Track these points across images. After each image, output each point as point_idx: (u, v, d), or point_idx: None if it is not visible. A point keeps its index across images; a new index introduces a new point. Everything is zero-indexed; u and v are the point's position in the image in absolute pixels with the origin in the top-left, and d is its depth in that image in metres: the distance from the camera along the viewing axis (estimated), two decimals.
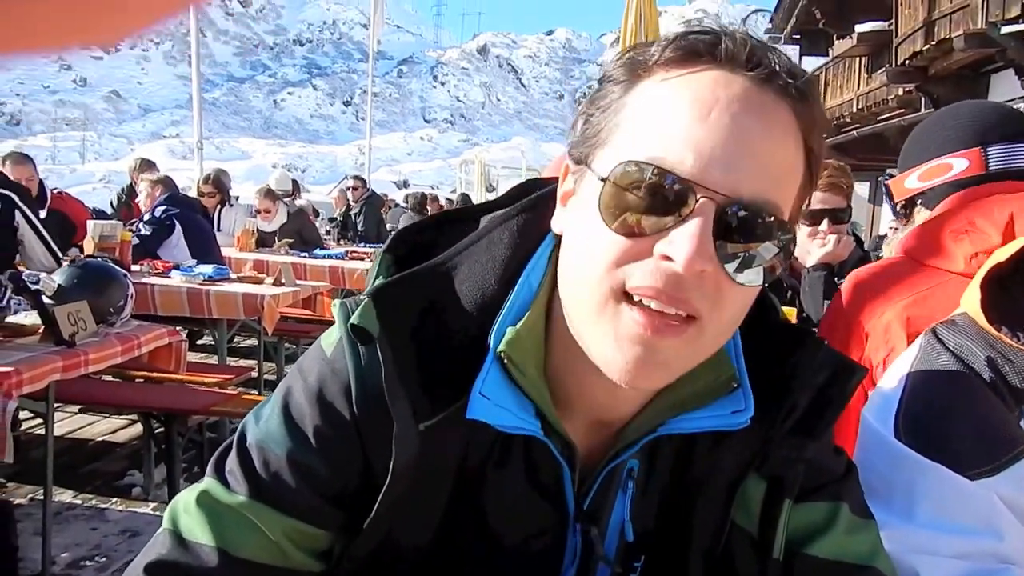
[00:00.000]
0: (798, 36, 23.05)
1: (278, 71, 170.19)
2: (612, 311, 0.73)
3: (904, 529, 0.93)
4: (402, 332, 0.79)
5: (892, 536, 0.90)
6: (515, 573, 0.86)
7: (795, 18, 21.38)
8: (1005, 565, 0.88)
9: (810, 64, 23.15)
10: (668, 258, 0.69)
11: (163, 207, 5.90)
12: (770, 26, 24.76)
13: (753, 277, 0.73)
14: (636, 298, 0.71)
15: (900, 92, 14.50)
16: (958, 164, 1.64)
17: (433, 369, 0.79)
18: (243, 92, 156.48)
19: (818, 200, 2.92)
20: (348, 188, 11.80)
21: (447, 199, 17.14)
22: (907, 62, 12.83)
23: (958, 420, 0.99)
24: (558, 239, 0.82)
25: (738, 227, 0.71)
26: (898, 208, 1.86)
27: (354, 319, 0.79)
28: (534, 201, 0.88)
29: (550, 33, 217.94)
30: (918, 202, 1.76)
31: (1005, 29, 9.88)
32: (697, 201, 0.69)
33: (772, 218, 0.72)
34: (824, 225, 2.88)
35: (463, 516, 0.85)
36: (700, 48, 0.73)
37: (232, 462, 0.84)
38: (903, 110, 14.90)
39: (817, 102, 0.75)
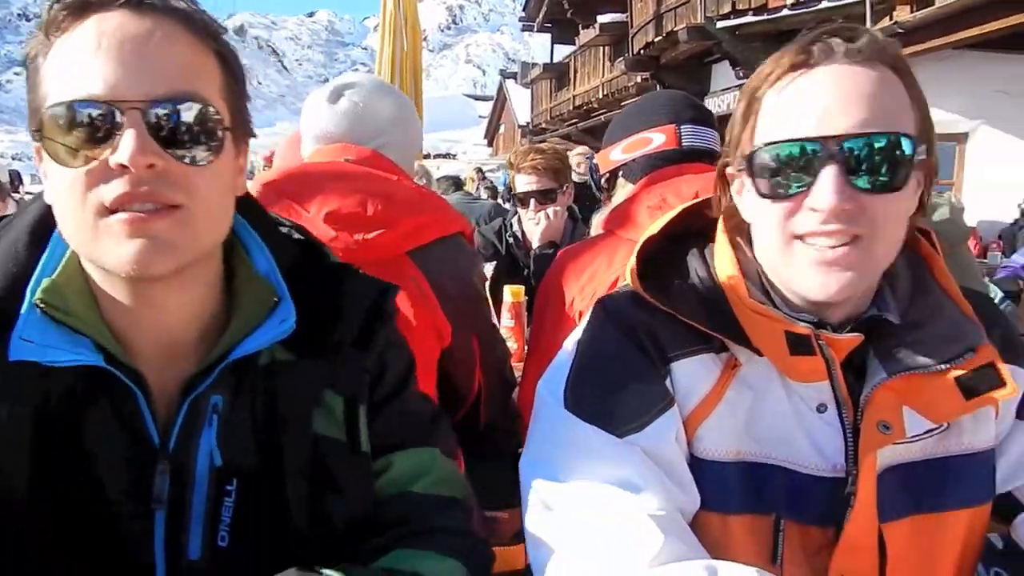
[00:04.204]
0: (549, 25, 24.15)
1: (1, 48, 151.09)
2: (103, 226, 0.85)
3: (573, 494, 1.01)
4: None
5: (570, 502, 1.00)
6: (112, 512, 0.91)
7: (546, 7, 22.37)
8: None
9: (561, 52, 24.38)
10: (116, 167, 0.83)
11: None
12: (524, 14, 25.76)
13: (203, 155, 0.88)
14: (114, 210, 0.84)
15: (639, 80, 15.56)
16: (656, 138, 1.88)
17: None
18: None
19: (524, 183, 3.19)
20: None
21: None
22: (641, 52, 13.86)
23: (614, 385, 1.08)
24: None
25: (167, 124, 0.85)
26: (602, 182, 2.07)
27: None
28: None
29: (311, 15, 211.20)
30: (620, 174, 1.95)
31: (720, 24, 11.03)
32: (124, 116, 0.83)
33: (194, 103, 0.87)
34: (532, 205, 3.17)
35: (60, 461, 0.89)
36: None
37: None
38: (642, 96, 16.10)
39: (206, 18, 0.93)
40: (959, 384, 1.01)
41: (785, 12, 10.46)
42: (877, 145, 0.95)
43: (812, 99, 0.99)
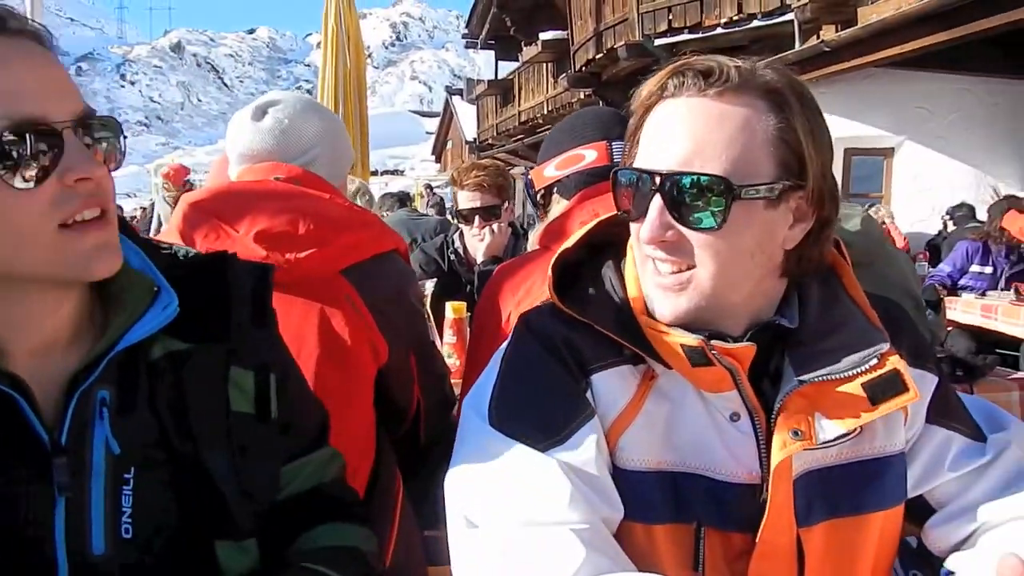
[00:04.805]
0: (492, 42, 24.30)
1: None
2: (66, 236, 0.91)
3: (497, 510, 1.02)
4: None
5: (493, 518, 1.01)
6: (12, 512, 0.91)
7: (488, 24, 22.49)
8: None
9: (505, 68, 24.54)
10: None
11: None
12: (467, 31, 25.87)
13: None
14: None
15: (581, 96, 15.79)
16: (588, 155, 1.89)
17: None
18: None
19: (467, 200, 3.22)
20: None
21: (140, 208, 15.89)
22: (583, 69, 14.05)
23: (535, 399, 1.10)
24: None
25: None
26: (537, 198, 2.10)
27: None
28: None
29: (251, 31, 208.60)
30: (555, 191, 1.97)
31: (658, 41, 11.26)
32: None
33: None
34: (476, 222, 3.20)
35: None
36: None
37: None
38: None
39: None
40: (866, 390, 1.06)
41: (719, 31, 10.74)
42: (690, 184, 1.00)
43: (654, 132, 1.06)
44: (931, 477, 1.19)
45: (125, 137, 1.01)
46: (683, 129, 1.02)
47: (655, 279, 1.07)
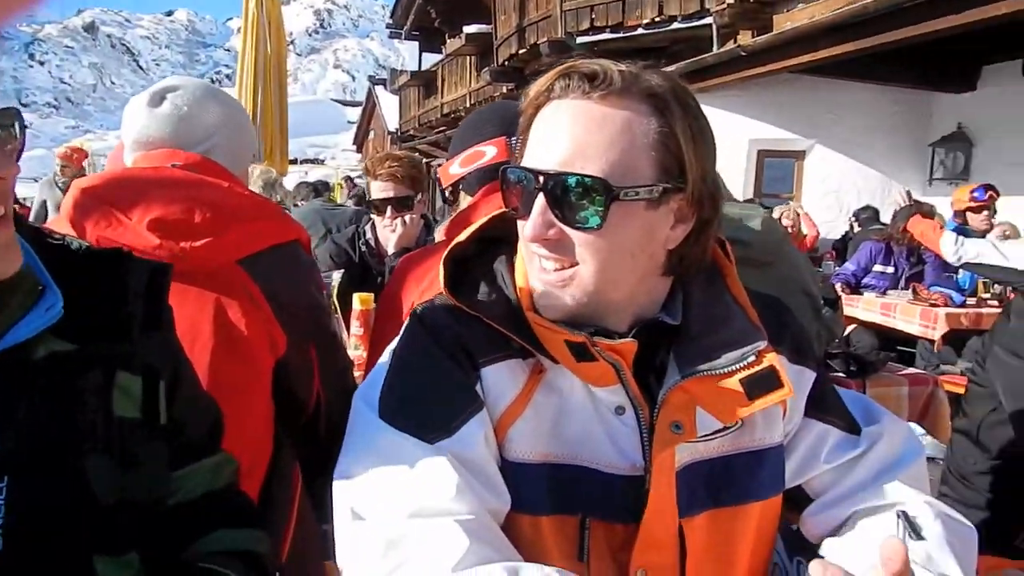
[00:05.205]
0: (417, 33, 24.10)
1: None
2: None
3: (383, 501, 1.01)
4: None
5: (379, 510, 1.00)
6: None
7: (413, 15, 22.31)
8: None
9: (430, 60, 24.38)
10: None
11: None
12: (391, 21, 25.60)
13: None
14: None
15: (504, 90, 15.81)
16: (489, 151, 1.90)
17: None
18: None
19: (379, 190, 3.18)
20: None
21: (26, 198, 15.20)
22: (506, 63, 14.07)
23: (424, 392, 1.10)
24: None
25: None
26: (447, 195, 2.11)
27: None
28: None
29: (169, 14, 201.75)
30: (460, 187, 1.97)
31: (580, 39, 11.36)
32: None
33: None
34: (388, 212, 3.16)
35: None
36: None
37: None
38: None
39: None
40: (743, 386, 1.09)
41: (640, 31, 10.90)
42: (571, 185, 1.02)
43: (540, 132, 1.07)
44: (808, 468, 1.24)
45: (25, 127, 0.94)
46: (566, 131, 1.03)
47: (540, 276, 1.09)
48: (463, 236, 1.21)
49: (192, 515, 1.12)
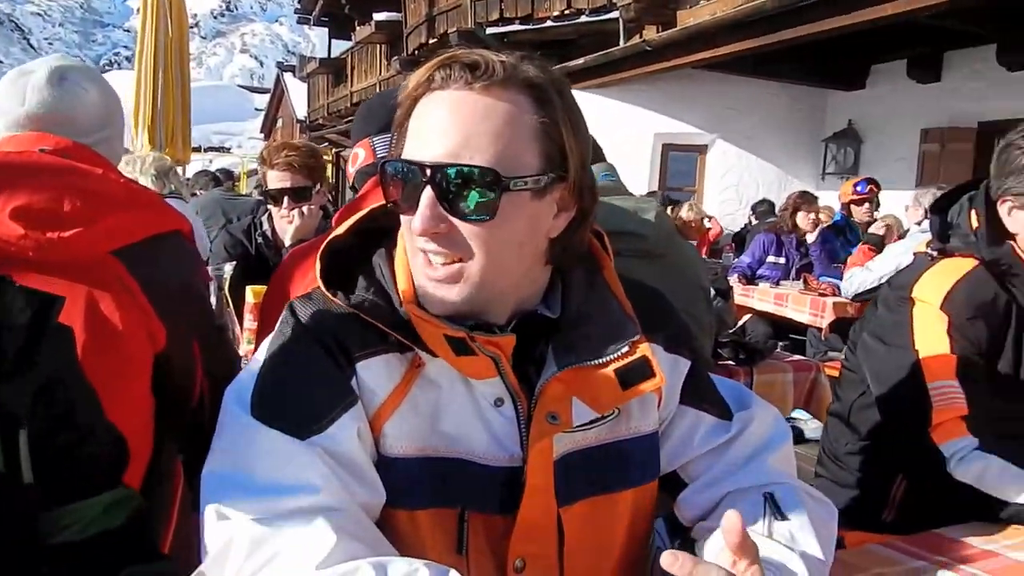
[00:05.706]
0: (326, 19, 23.62)
1: None
2: None
3: (250, 500, 0.99)
4: None
5: (246, 508, 0.98)
6: None
7: (322, 0, 21.87)
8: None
9: (339, 47, 23.93)
10: None
11: None
12: (299, 6, 25.00)
13: None
14: None
15: None
16: (361, 153, 1.91)
17: None
18: None
19: (276, 180, 3.09)
20: None
21: None
22: (415, 52, 13.95)
23: (297, 387, 1.07)
24: None
25: None
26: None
27: None
28: None
29: None
30: (355, 185, 1.96)
31: (490, 30, 11.36)
32: None
33: None
34: (285, 203, 3.08)
35: None
36: None
37: None
38: None
39: None
40: (617, 376, 1.11)
41: (549, 23, 10.98)
42: (460, 176, 1.01)
43: (420, 123, 1.06)
44: (682, 454, 1.27)
45: None
46: (451, 121, 1.02)
47: (426, 271, 1.07)
48: (341, 229, 1.19)
49: (90, 555, 1.05)
